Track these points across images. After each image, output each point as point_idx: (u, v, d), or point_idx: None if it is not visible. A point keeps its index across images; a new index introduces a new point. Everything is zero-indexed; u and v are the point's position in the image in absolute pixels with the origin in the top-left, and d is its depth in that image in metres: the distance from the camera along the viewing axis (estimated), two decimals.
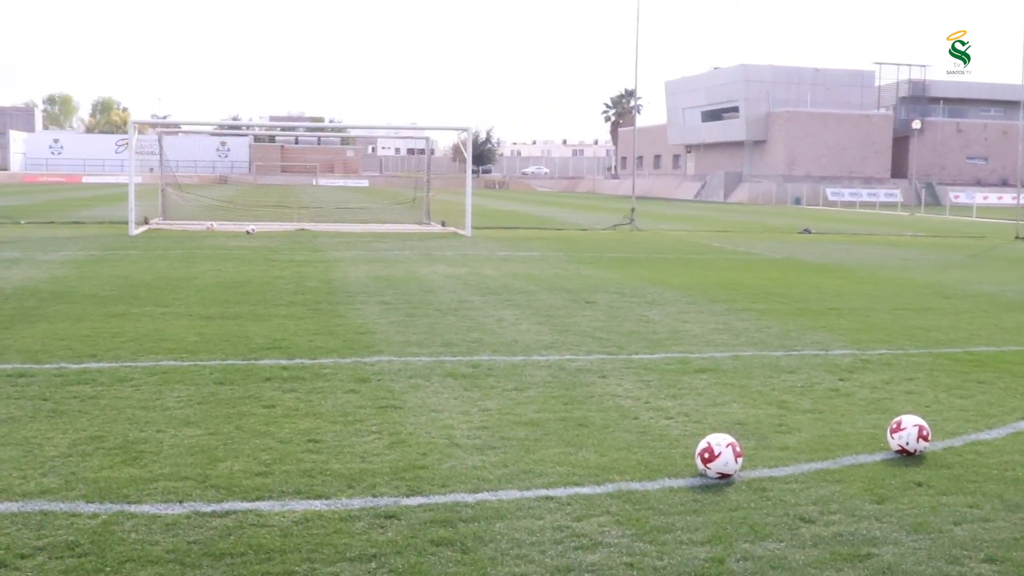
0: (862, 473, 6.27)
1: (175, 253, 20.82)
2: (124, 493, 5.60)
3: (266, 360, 9.42)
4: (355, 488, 5.78)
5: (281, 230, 29.25)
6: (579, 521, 5.34)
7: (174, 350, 9.81)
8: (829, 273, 19.67)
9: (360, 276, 16.98)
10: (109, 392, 8.02)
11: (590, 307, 13.65)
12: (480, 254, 22.04)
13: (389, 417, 7.42)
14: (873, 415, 7.81)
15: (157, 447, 6.51)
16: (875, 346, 10.98)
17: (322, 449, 6.55)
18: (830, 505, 5.66)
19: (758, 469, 6.31)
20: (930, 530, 5.30)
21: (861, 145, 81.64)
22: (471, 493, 5.73)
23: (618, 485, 5.92)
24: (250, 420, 7.25)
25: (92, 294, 13.92)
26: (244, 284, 15.44)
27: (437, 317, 12.37)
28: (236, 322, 11.65)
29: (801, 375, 9.31)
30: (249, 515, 5.32)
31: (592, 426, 7.28)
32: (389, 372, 9.01)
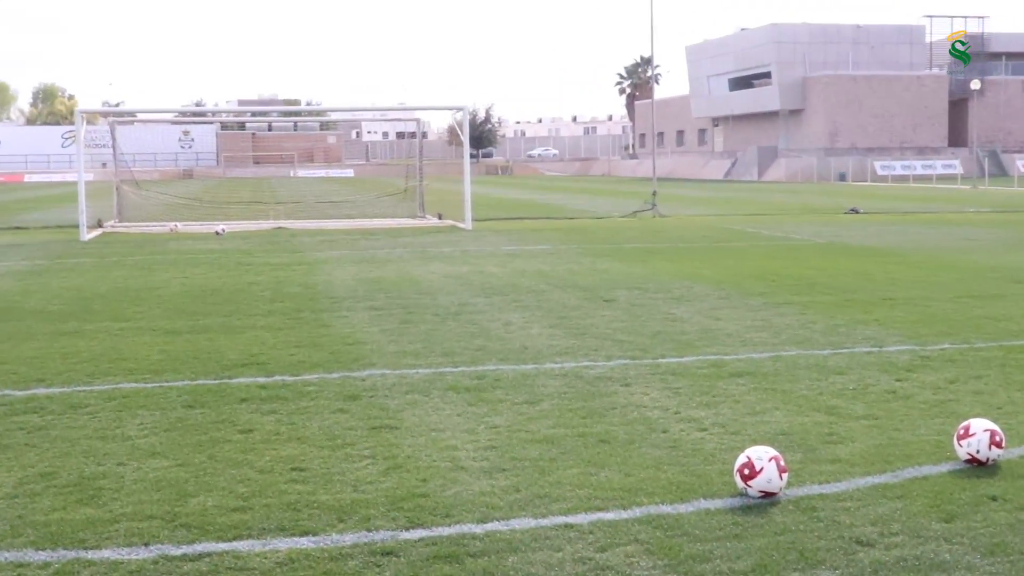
0: (926, 487, 6.23)
1: (134, 260, 20.85)
2: (80, 537, 5.58)
3: (241, 378, 9.42)
4: (347, 522, 5.76)
5: (255, 229, 29.31)
6: (603, 552, 5.31)
7: (135, 371, 9.81)
8: (881, 258, 19.64)
9: (347, 279, 16.99)
10: (61, 421, 8.01)
11: (609, 306, 13.64)
12: (482, 250, 22.05)
13: (384, 439, 7.40)
14: (937, 420, 7.77)
15: (118, 483, 6.49)
16: (936, 340, 10.94)
17: (308, 478, 6.53)
18: (891, 525, 5.62)
19: (806, 486, 6.27)
20: (1009, 551, 5.26)
21: (913, 111, 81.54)
22: (479, 523, 5.71)
23: (647, 509, 5.89)
24: (225, 448, 7.24)
25: (39, 309, 13.94)
26: (214, 292, 15.45)
27: (435, 323, 12.37)
28: (206, 336, 11.65)
29: (852, 376, 9.28)
30: (226, 557, 5.30)
31: (615, 442, 7.26)
32: (382, 387, 9.00)
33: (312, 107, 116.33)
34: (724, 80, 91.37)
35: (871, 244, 22.85)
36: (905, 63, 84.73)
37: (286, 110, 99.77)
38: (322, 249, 22.80)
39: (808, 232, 26.61)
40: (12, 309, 14.03)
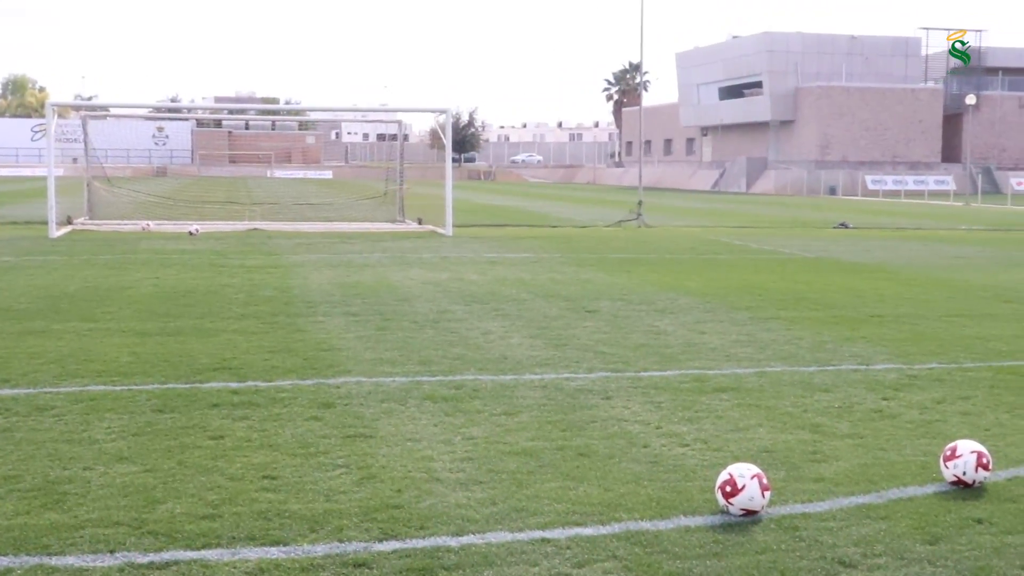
0: (911, 508, 6.28)
1: (104, 259, 20.79)
2: (44, 543, 5.57)
3: (213, 383, 9.41)
4: (318, 532, 5.77)
5: (230, 230, 29.26)
6: (580, 567, 5.34)
7: (104, 373, 9.79)
8: (870, 274, 19.74)
9: (323, 283, 16.98)
10: (25, 423, 7.99)
11: (591, 317, 13.67)
12: (463, 256, 22.07)
13: (358, 448, 7.41)
14: (923, 440, 7.83)
15: (84, 488, 6.49)
16: (924, 359, 11.02)
17: (279, 487, 6.54)
18: (874, 546, 5.66)
19: (789, 504, 6.31)
20: (993, 575, 5.31)
21: (906, 125, 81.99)
22: (454, 536, 5.73)
23: (625, 525, 5.92)
24: (194, 454, 7.23)
25: (4, 308, 13.89)
26: (187, 294, 15.42)
27: (413, 330, 12.37)
28: (177, 339, 11.63)
29: (838, 394, 9.33)
30: (193, 566, 5.30)
31: (595, 456, 7.29)
32: (358, 395, 9.01)
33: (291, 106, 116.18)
34: (714, 88, 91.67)
35: (860, 260, 22.97)
36: (900, 76, 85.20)
37: (264, 108, 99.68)
38: (298, 252, 22.78)
39: (796, 246, 26.73)
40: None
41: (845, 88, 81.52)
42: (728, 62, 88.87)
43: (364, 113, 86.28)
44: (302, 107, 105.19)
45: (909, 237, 31.24)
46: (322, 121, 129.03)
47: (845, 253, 24.76)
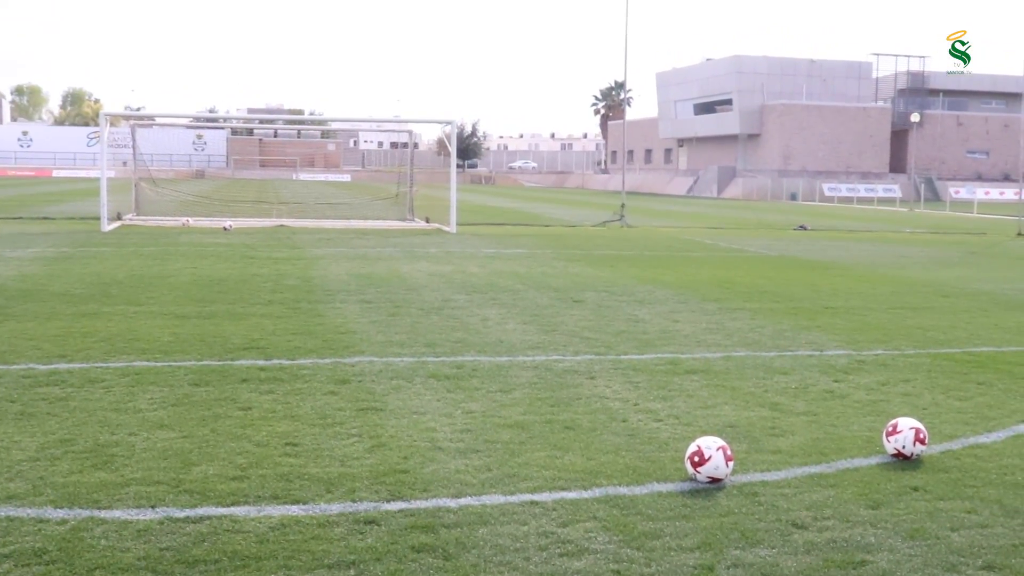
0: (857, 477, 6.30)
1: (149, 250, 20.76)
2: (94, 498, 5.58)
3: (243, 361, 9.41)
4: (334, 493, 5.77)
5: (259, 226, 29.20)
6: (565, 527, 5.35)
7: (147, 350, 9.79)
8: (825, 271, 19.75)
9: (341, 274, 16.96)
10: (79, 394, 8.00)
11: (578, 306, 13.67)
12: (465, 251, 22.05)
13: (369, 419, 7.42)
14: (869, 418, 7.85)
15: (129, 451, 6.50)
16: (871, 346, 11.03)
17: (300, 453, 6.54)
18: (824, 510, 5.68)
19: (750, 473, 6.33)
20: (927, 536, 5.33)
21: (858, 139, 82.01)
22: (454, 498, 5.74)
23: (605, 490, 5.93)
24: (226, 423, 7.24)
25: (62, 292, 13.88)
26: (220, 282, 15.40)
27: (420, 316, 12.37)
28: (212, 321, 11.62)
29: (795, 376, 9.35)
30: (224, 521, 5.31)
31: (579, 429, 7.30)
32: (370, 373, 9.01)
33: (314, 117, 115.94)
34: (690, 105, 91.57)
35: (817, 258, 22.97)
36: (853, 95, 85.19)
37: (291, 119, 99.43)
38: (319, 246, 22.74)
39: (761, 245, 26.72)
40: (39, 291, 13.95)
41: (805, 106, 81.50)
42: (702, 81, 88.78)
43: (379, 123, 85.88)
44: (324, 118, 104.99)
45: (860, 238, 31.23)
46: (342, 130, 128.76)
47: (803, 252, 24.76)
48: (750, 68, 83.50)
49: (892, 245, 28.30)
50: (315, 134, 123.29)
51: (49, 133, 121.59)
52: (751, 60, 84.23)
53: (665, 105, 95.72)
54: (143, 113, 79.17)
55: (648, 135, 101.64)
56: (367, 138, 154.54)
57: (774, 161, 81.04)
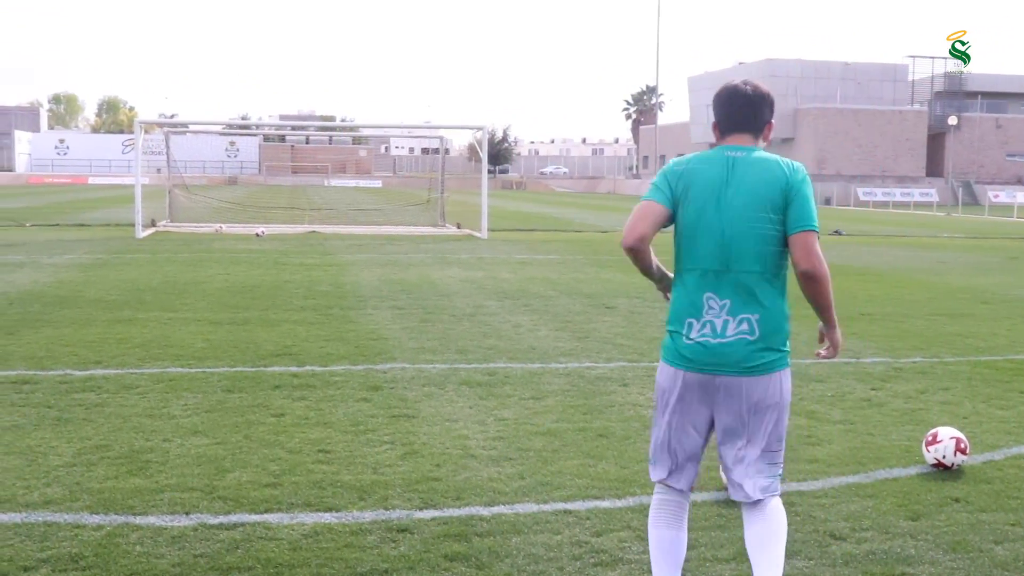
0: (896, 488, 6.22)
1: (183, 256, 20.92)
2: (129, 504, 5.62)
3: (276, 367, 9.45)
4: (367, 500, 5.78)
5: (292, 232, 29.36)
6: (599, 536, 5.32)
7: (181, 356, 9.85)
8: (860, 277, 19.58)
9: (372, 280, 17.01)
10: (115, 400, 8.06)
11: (610, 312, 13.63)
12: (496, 257, 22.05)
13: (402, 426, 7.42)
14: (907, 427, 7.76)
15: (163, 457, 6.53)
16: (909, 354, 10.92)
17: (333, 460, 6.56)
18: (862, 521, 5.62)
19: (786, 483, 6.25)
20: (969, 549, 5.25)
21: (894, 142, 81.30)
22: (487, 506, 5.72)
23: (639, 499, 5.89)
24: (259, 429, 7.27)
25: (98, 299, 14.00)
26: (253, 288, 15.49)
27: (452, 323, 12.37)
28: (245, 328, 11.68)
29: (831, 384, 9.26)
30: (257, 528, 5.33)
31: (612, 437, 7.27)
32: (402, 380, 9.02)
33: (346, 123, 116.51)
34: None
35: (852, 264, 22.78)
36: (889, 99, 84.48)
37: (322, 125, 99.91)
38: (351, 252, 22.82)
39: None
40: (75, 298, 14.09)
41: (840, 109, 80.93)
42: None
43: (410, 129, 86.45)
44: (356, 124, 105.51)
45: (896, 243, 30.96)
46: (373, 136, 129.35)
47: (838, 257, 24.55)
48: (783, 71, 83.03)
49: (929, 250, 28.02)
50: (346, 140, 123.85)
51: (85, 141, 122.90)
52: (784, 63, 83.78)
53: (697, 109, 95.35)
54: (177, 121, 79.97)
55: (680, 140, 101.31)
56: (398, 144, 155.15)
57: (808, 165, 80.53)
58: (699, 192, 4.14)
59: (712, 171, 4.16)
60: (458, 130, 51.00)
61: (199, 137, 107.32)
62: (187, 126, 57.04)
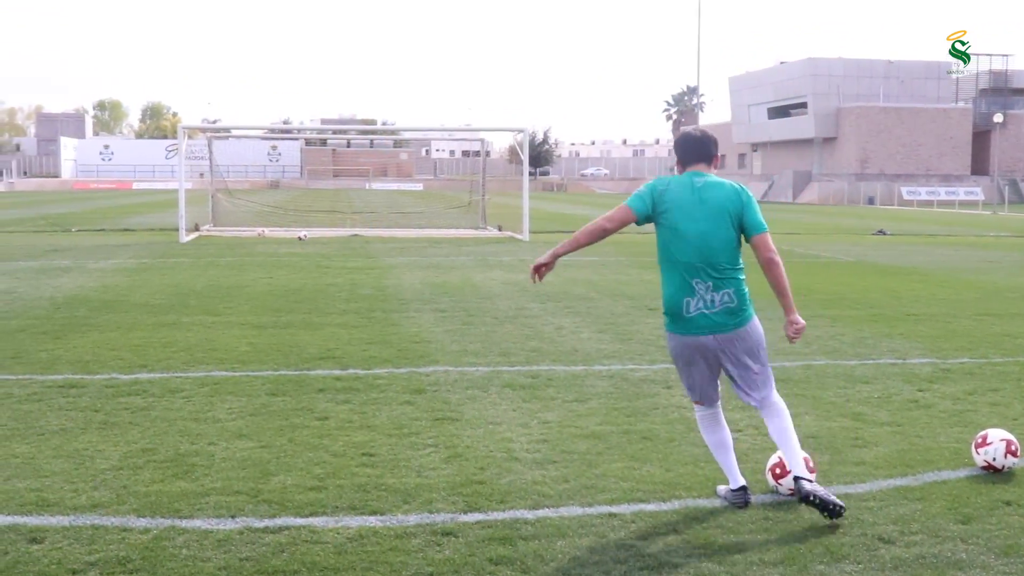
0: (945, 491, 6.12)
1: (226, 260, 21.09)
2: (175, 507, 5.66)
3: (319, 370, 9.49)
4: (411, 504, 5.78)
5: (334, 236, 29.52)
6: (644, 540, 5.28)
7: (225, 360, 9.92)
8: (906, 277, 19.35)
9: (415, 283, 17.05)
10: (160, 403, 8.13)
11: (653, 314, 13.54)
12: None
13: (445, 430, 7.42)
14: (956, 428, 7.64)
15: (208, 460, 6.58)
16: (956, 354, 10.76)
17: (377, 463, 6.56)
18: (911, 525, 5.53)
19: (833, 486, 6.18)
20: (1021, 553, 5.15)
21: (938, 141, 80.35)
22: (531, 509, 5.70)
23: (685, 502, 5.85)
24: (303, 433, 7.29)
25: (143, 303, 14.14)
26: (296, 292, 15.58)
27: (494, 325, 12.36)
28: (288, 331, 11.75)
29: (877, 385, 9.15)
30: (302, 531, 5.34)
31: (657, 439, 7.22)
32: (445, 383, 9.02)
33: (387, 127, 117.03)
34: (763, 109, 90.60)
35: (897, 263, 22.53)
36: (933, 96, 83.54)
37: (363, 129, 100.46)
38: (393, 255, 22.91)
39: (838, 251, 26.30)
40: (120, 302, 14.24)
41: (883, 108, 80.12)
42: (776, 85, 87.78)
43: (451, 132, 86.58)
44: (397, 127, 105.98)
45: (941, 243, 30.58)
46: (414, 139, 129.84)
47: (883, 257, 24.31)
48: (825, 70, 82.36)
49: (975, 249, 27.65)
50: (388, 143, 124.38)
51: (129, 146, 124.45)
52: (826, 62, 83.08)
53: (738, 109, 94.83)
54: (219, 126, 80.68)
55: (721, 140, 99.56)
56: (439, 147, 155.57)
57: (850, 165, 79.81)
58: (678, 208, 5.63)
59: (685, 192, 5.66)
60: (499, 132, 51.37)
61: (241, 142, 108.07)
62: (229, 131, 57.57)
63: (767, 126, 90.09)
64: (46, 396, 8.34)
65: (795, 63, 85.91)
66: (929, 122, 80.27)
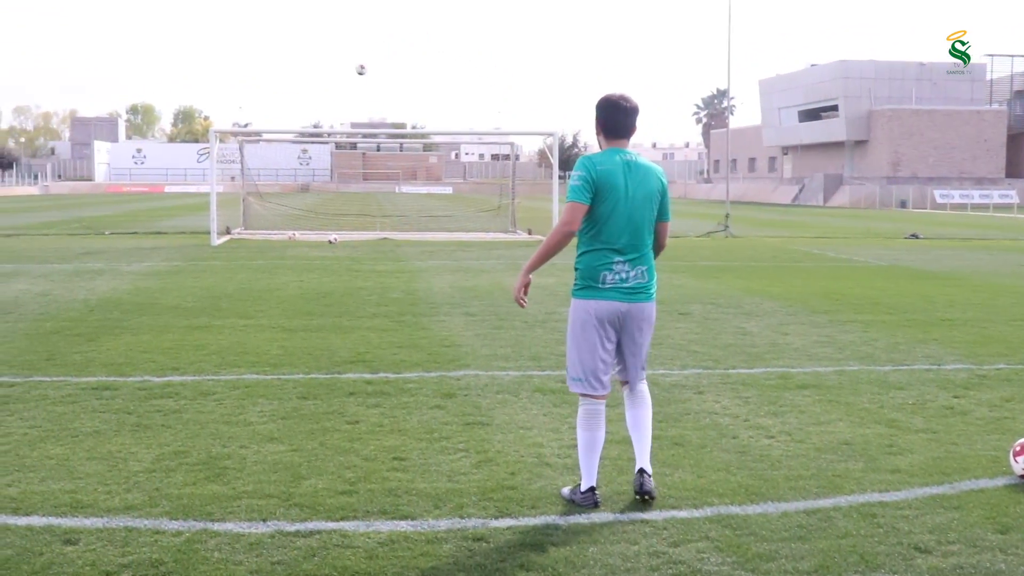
0: (982, 499, 6.04)
1: (257, 263, 21.19)
2: (207, 510, 5.67)
3: (350, 374, 9.50)
4: (442, 508, 5.76)
5: (364, 239, 29.60)
6: (676, 547, 5.24)
7: (257, 363, 9.95)
8: (940, 281, 19.17)
9: (444, 286, 17.06)
10: (192, 406, 8.16)
11: (684, 319, 13.49)
12: (568, 263, 21.84)
13: (476, 434, 7.40)
14: (993, 436, 7.54)
15: (240, 463, 6.59)
16: (993, 360, 10.63)
17: (408, 467, 6.56)
18: (948, 534, 5.46)
19: (867, 493, 6.13)
20: None
21: (972, 143, 79.58)
22: (562, 515, 5.68)
23: (717, 509, 5.81)
24: (334, 436, 7.30)
25: (175, 306, 14.23)
26: (327, 295, 15.62)
27: (524, 329, 12.34)
28: (319, 334, 11.78)
29: (912, 392, 9.05)
30: (334, 535, 5.34)
31: (688, 445, 7.17)
32: (476, 387, 9.01)
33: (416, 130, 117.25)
34: (794, 112, 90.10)
35: (931, 268, 22.32)
36: (966, 99, 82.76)
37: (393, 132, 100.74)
38: (423, 258, 22.94)
39: (870, 255, 26.09)
40: (153, 305, 14.34)
41: (915, 111, 79.47)
42: (807, 88, 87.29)
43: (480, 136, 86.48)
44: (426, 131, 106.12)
45: (975, 247, 30.27)
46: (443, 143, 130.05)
47: (916, 261, 24.09)
48: (856, 73, 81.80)
49: (1011, 254, 27.34)
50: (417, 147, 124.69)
51: (161, 150, 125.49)
52: (857, 64, 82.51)
53: (769, 112, 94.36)
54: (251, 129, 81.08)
55: (752, 143, 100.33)
56: (468, 150, 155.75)
57: (882, 168, 79.21)
58: (611, 191, 5.74)
59: (618, 176, 5.76)
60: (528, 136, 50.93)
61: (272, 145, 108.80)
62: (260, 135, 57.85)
63: (798, 129, 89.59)
64: (80, 398, 8.40)
65: (826, 65, 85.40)
66: (962, 124, 79.55)
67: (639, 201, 5.77)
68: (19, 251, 24.08)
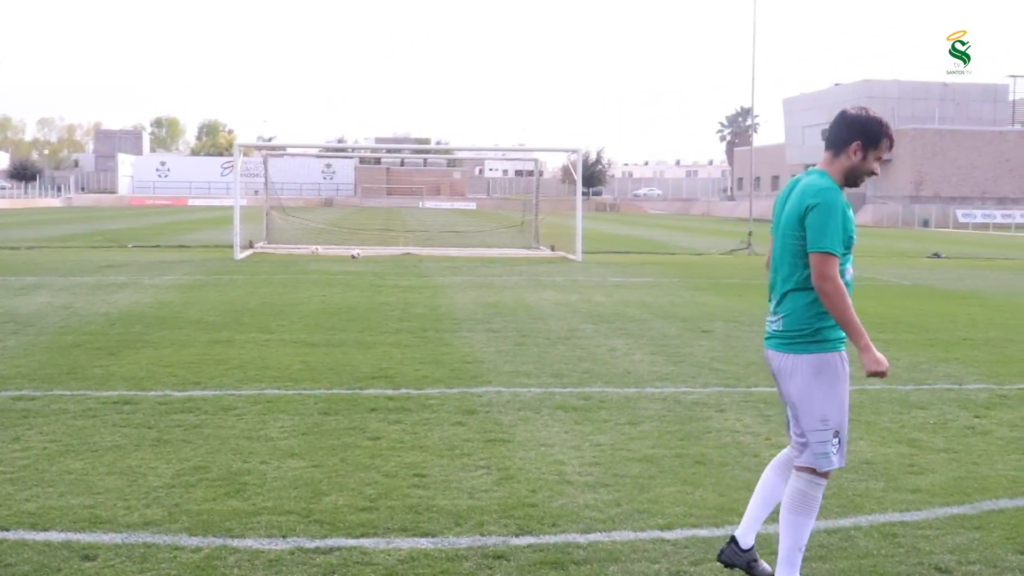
0: (1003, 519, 5.99)
1: (280, 278, 21.25)
2: (227, 527, 5.67)
3: (371, 390, 9.50)
4: (462, 526, 5.75)
5: (387, 254, 29.64)
6: (697, 565, 5.21)
7: (278, 378, 9.96)
8: (962, 301, 19.03)
9: (467, 302, 17.05)
10: (213, 421, 8.17)
11: (706, 336, 13.44)
12: (591, 280, 21.96)
13: (497, 451, 7.39)
14: (1014, 456, 7.48)
15: (261, 479, 6.59)
16: (1014, 380, 10.54)
17: (428, 484, 6.55)
18: (968, 554, 5.41)
19: (888, 513, 6.08)
20: None
21: (995, 163, 79.14)
22: (583, 533, 5.65)
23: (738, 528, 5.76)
24: (355, 452, 7.30)
25: (197, 320, 14.27)
26: (349, 310, 15.65)
27: (546, 346, 12.32)
28: (341, 350, 11.79)
29: (933, 411, 8.98)
30: (354, 552, 5.33)
31: (710, 463, 7.14)
32: (497, 404, 8.99)
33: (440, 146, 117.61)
34: (818, 130, 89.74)
35: (953, 287, 22.17)
36: (989, 119, 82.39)
37: (417, 148, 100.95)
38: (445, 274, 22.95)
39: (893, 274, 25.94)
40: (175, 318, 14.39)
41: (938, 130, 79.12)
42: (831, 107, 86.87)
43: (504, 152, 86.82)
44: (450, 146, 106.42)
45: (998, 267, 30.05)
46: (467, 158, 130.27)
47: (938, 281, 23.93)
48: (880, 92, 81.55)
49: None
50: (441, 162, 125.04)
51: (185, 163, 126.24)
52: (881, 84, 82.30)
53: (792, 131, 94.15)
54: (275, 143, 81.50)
55: (775, 161, 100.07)
56: (492, 166, 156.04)
57: (905, 187, 78.84)
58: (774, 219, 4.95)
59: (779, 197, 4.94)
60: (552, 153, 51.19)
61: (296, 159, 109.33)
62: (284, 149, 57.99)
63: (821, 148, 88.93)
64: (100, 412, 8.42)
65: (850, 85, 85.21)
66: (985, 145, 79.13)
67: (780, 226, 4.88)
68: (41, 263, 24.23)
